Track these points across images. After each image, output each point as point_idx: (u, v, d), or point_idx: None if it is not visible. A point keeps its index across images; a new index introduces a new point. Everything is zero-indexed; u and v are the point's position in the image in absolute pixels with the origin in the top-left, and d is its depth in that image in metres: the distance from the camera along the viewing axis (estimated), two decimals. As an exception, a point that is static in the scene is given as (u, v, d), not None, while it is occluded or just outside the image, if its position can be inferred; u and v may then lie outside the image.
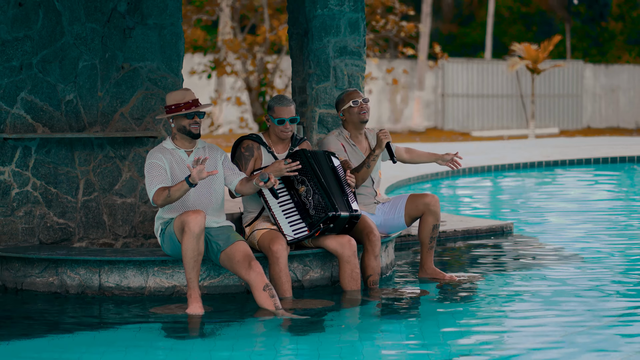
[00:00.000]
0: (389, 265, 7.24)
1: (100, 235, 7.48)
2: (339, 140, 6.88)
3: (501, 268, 7.43)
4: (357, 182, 6.71)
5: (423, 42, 29.28)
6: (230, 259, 6.03)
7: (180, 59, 7.63)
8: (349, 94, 6.90)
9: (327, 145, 6.84)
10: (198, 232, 5.85)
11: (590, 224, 9.97)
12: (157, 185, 6.03)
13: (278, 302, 5.84)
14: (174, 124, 6.16)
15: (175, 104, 6.12)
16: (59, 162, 7.33)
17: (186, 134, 6.17)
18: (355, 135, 6.95)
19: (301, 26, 7.99)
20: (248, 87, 23.99)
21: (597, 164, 16.74)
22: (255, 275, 5.91)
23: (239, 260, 5.98)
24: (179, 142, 6.22)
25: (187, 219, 5.86)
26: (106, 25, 7.42)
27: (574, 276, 6.97)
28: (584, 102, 32.10)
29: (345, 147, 6.86)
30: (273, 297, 5.84)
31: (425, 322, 5.73)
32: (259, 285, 5.88)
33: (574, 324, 5.50)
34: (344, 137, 6.91)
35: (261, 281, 5.89)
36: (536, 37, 37.25)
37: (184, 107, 6.12)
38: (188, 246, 5.87)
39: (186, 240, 5.86)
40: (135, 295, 6.41)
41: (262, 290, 5.87)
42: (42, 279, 6.58)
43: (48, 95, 7.28)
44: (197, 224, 5.83)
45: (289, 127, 6.50)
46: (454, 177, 15.15)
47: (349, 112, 6.88)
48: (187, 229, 5.84)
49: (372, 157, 6.72)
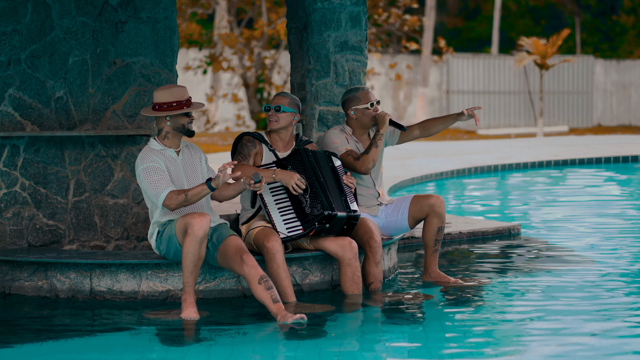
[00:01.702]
0: (392, 269, 7.25)
1: (92, 237, 7.48)
2: (343, 134, 6.88)
3: (508, 271, 7.43)
4: (368, 164, 6.70)
5: (427, 37, 29.29)
6: (223, 255, 6.05)
7: (175, 54, 7.63)
8: (365, 93, 6.86)
9: (330, 137, 6.83)
10: (202, 236, 5.86)
11: (601, 226, 9.97)
12: (165, 188, 6.00)
13: (276, 293, 5.84)
14: (170, 122, 6.14)
15: (176, 101, 6.11)
16: (48, 162, 7.33)
17: (184, 132, 6.17)
18: (359, 133, 6.95)
19: (300, 20, 8.00)
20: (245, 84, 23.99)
21: (608, 164, 16.74)
22: (248, 269, 5.91)
23: (231, 256, 5.99)
24: (169, 141, 6.21)
25: (191, 221, 5.86)
26: (97, 19, 7.42)
27: (585, 280, 6.97)
28: (595, 99, 32.10)
29: (349, 141, 6.87)
30: (270, 289, 5.83)
31: (429, 327, 5.73)
32: (253, 279, 5.88)
33: (585, 330, 5.50)
34: (347, 133, 6.92)
35: (255, 274, 5.88)
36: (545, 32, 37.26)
37: (185, 105, 6.11)
38: (189, 249, 5.87)
39: (188, 243, 5.87)
40: (127, 299, 6.41)
41: (258, 283, 5.86)
42: (31, 282, 6.58)
43: (37, 91, 7.28)
44: (201, 227, 5.84)
45: (273, 114, 6.54)
46: (459, 177, 15.16)
47: (362, 112, 6.86)
48: (190, 231, 5.85)
49: (378, 137, 6.73)
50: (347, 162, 6.75)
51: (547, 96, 30.52)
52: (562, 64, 29.67)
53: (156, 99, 6.14)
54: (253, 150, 6.55)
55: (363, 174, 6.80)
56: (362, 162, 6.70)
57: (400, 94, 29.95)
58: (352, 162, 6.74)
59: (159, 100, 6.13)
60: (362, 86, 6.94)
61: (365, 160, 6.70)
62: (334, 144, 6.80)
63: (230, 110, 27.17)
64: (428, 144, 20.83)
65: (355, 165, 6.74)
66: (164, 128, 6.18)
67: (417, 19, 24.04)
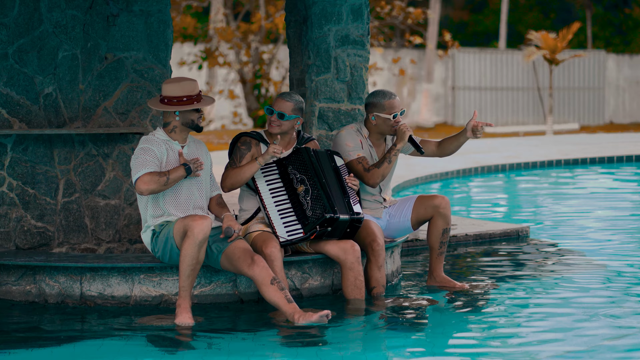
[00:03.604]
0: (395, 273, 7.25)
1: (82, 239, 7.48)
2: (358, 137, 6.84)
3: (516, 276, 7.43)
4: (377, 179, 6.68)
5: (432, 30, 29.30)
6: (230, 258, 6.04)
7: (169, 48, 7.63)
8: (391, 102, 6.77)
9: (345, 138, 6.78)
10: (202, 240, 5.85)
11: (613, 228, 9.97)
12: (147, 168, 6.00)
13: (289, 294, 5.84)
14: (179, 117, 6.14)
15: (186, 95, 6.09)
16: (36, 161, 7.33)
17: (193, 127, 6.19)
18: (376, 138, 6.90)
19: (299, 13, 8.00)
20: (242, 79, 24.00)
21: (621, 163, 16.74)
22: (259, 270, 5.90)
23: (239, 257, 5.98)
24: (176, 135, 6.21)
25: (192, 223, 5.85)
26: (88, 12, 7.42)
27: (596, 284, 6.97)
28: (607, 95, 32.11)
29: (363, 145, 6.83)
30: (283, 290, 5.83)
31: (434, 334, 5.73)
32: (265, 280, 5.87)
33: (596, 337, 5.50)
34: (363, 135, 6.87)
35: (267, 275, 5.88)
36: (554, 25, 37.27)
37: (195, 100, 6.11)
38: (188, 253, 5.87)
39: (187, 247, 5.86)
40: (119, 305, 6.41)
41: (270, 284, 5.85)
42: (19, 287, 6.58)
43: (25, 88, 7.28)
44: (202, 230, 5.84)
45: (275, 120, 6.50)
46: (465, 176, 15.16)
47: (384, 121, 6.83)
48: (190, 234, 5.84)
49: (393, 152, 6.69)
50: (357, 170, 6.71)
51: (557, 92, 30.52)
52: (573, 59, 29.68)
53: (165, 92, 6.12)
54: (247, 153, 6.54)
55: (370, 187, 6.79)
56: (371, 175, 6.68)
57: (403, 90, 29.95)
58: (362, 173, 6.71)
59: (168, 94, 6.11)
60: (389, 92, 6.81)
61: (375, 174, 6.68)
62: (347, 147, 6.76)
63: (227, 107, 27.17)
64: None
65: (364, 177, 6.71)
66: (172, 122, 6.17)
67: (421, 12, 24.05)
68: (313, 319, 5.72)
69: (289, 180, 6.47)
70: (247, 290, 6.44)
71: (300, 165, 6.47)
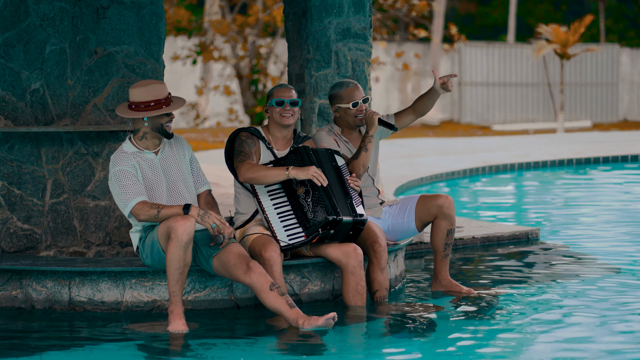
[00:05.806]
0: (399, 277, 7.25)
1: (71, 242, 7.48)
2: (330, 136, 6.88)
3: (526, 280, 7.44)
4: (359, 170, 6.71)
5: (437, 23, 29.31)
6: (224, 264, 6.03)
7: (161, 42, 7.63)
8: (349, 91, 6.85)
9: (318, 141, 6.85)
10: (186, 241, 5.85)
11: (626, 230, 9.98)
12: (135, 196, 6.00)
13: (290, 299, 5.84)
14: (148, 123, 6.14)
15: (154, 100, 6.10)
16: (23, 160, 7.34)
17: (162, 133, 6.17)
18: (348, 132, 6.95)
19: (299, 5, 8.00)
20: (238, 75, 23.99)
21: (635, 162, 16.75)
22: (257, 277, 5.90)
23: (234, 264, 5.98)
24: (147, 142, 6.21)
25: (174, 225, 5.85)
26: (77, 4, 7.42)
27: (609, 289, 6.97)
28: (620, 91, 32.12)
29: (338, 143, 6.86)
30: (284, 295, 5.83)
31: (439, 341, 5.73)
32: (264, 287, 5.87)
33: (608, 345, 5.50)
34: (335, 133, 6.92)
35: (265, 281, 5.88)
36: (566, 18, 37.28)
37: (164, 104, 6.11)
38: (174, 256, 5.87)
39: (172, 249, 5.86)
40: (110, 310, 6.41)
41: (269, 290, 5.85)
42: (5, 292, 6.58)
43: (11, 83, 7.28)
44: (185, 231, 5.83)
45: (289, 109, 6.52)
46: (472, 176, 15.17)
47: (345, 111, 6.88)
48: (173, 236, 5.84)
49: (367, 139, 6.72)
50: None
51: (569, 88, 30.52)
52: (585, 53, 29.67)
53: (132, 98, 6.13)
54: (254, 147, 6.54)
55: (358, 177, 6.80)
56: (351, 168, 6.70)
57: (407, 85, 29.96)
58: None
59: (135, 100, 6.12)
60: (347, 81, 6.90)
61: (355, 165, 6.71)
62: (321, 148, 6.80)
63: (222, 103, 27.17)
64: (438, 141, 20.85)
65: None
66: (142, 129, 6.17)
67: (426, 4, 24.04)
68: (319, 323, 5.73)
69: (288, 181, 6.47)
70: (243, 295, 6.45)
71: (300, 165, 6.46)
